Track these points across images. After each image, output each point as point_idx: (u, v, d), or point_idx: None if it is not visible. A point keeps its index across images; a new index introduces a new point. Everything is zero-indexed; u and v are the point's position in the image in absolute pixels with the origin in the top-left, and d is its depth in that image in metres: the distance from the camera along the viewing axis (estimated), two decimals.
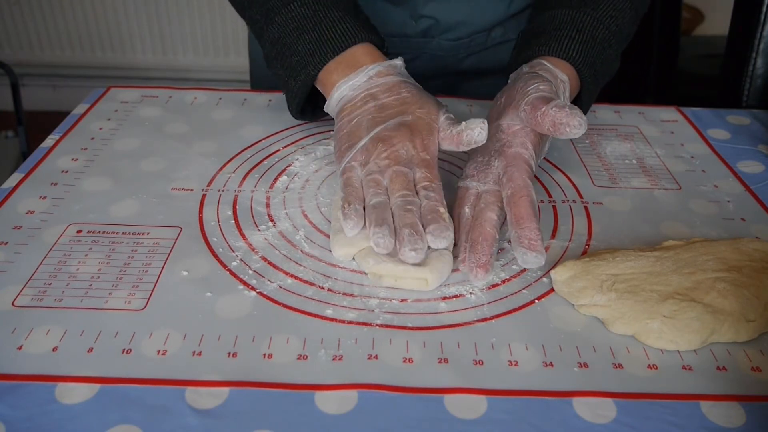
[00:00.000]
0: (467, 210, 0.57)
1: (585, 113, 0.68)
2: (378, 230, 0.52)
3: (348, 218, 0.54)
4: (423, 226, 0.53)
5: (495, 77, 0.62)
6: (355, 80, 0.62)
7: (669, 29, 1.49)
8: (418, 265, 0.52)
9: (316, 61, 0.63)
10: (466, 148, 0.58)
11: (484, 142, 0.57)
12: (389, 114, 0.60)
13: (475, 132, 0.56)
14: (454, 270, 0.54)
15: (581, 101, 0.68)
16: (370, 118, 0.60)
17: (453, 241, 0.55)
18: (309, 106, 0.70)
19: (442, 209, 0.55)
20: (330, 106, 0.64)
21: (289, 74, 0.66)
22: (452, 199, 0.61)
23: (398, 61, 0.65)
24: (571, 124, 0.54)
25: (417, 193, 0.56)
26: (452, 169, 0.69)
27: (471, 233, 0.55)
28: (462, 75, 0.90)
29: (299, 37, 0.64)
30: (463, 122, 0.58)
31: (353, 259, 0.55)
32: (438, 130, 0.59)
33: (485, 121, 0.57)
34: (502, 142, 0.59)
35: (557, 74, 0.63)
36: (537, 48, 0.65)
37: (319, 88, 0.66)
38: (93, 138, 0.72)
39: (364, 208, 0.56)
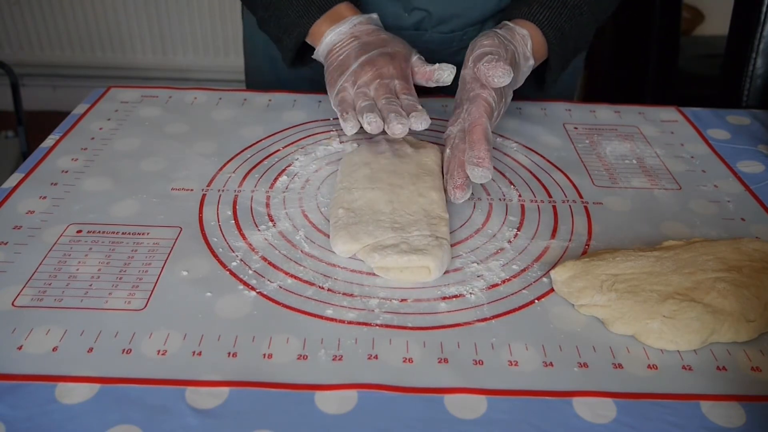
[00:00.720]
0: (447, 150, 0.65)
1: (556, 77, 0.76)
2: (369, 114, 0.63)
3: (347, 120, 0.65)
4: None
5: None
6: (341, 28, 0.71)
7: (669, 29, 1.49)
8: (420, 255, 0.53)
9: (306, 20, 0.73)
10: (434, 85, 0.69)
11: (450, 83, 0.68)
12: (372, 47, 0.69)
13: (445, 73, 0.68)
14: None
15: (549, 63, 0.74)
16: (356, 51, 0.69)
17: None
18: (298, 57, 0.79)
19: (419, 106, 0.65)
20: (319, 51, 0.73)
21: (282, 32, 0.75)
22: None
23: (374, 15, 0.74)
24: (496, 74, 0.62)
25: (398, 98, 0.66)
26: None
27: (449, 165, 0.63)
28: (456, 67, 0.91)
29: (290, 2, 0.73)
30: (437, 63, 0.69)
31: (355, 256, 0.55)
32: (411, 65, 0.70)
33: (454, 67, 0.68)
34: (467, 90, 0.65)
35: (516, 30, 0.69)
36: (510, 13, 0.74)
37: (307, 41, 0.75)
38: (93, 138, 0.72)
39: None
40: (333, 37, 0.72)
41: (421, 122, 0.63)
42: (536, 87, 0.78)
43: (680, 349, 0.48)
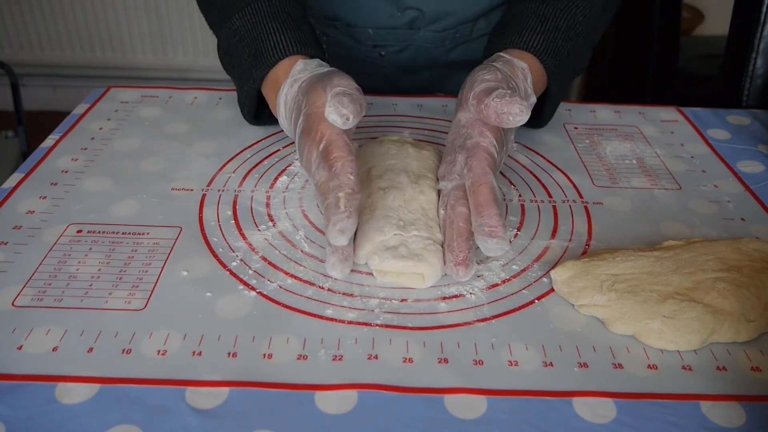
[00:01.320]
0: (442, 211, 0.57)
1: (556, 105, 0.70)
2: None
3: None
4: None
5: None
6: (284, 91, 0.62)
7: (669, 29, 1.49)
8: (416, 261, 0.52)
9: (255, 75, 0.65)
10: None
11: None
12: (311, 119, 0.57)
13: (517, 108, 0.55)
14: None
15: (549, 93, 0.68)
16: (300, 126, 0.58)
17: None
18: (265, 113, 0.71)
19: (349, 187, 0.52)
20: (285, 127, 0.63)
21: (237, 84, 0.68)
22: None
23: (313, 61, 0.63)
24: (512, 111, 0.54)
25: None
26: None
27: (447, 232, 0.55)
28: (449, 67, 0.91)
29: (241, 50, 0.66)
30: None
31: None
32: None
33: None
34: (463, 136, 0.58)
35: (515, 63, 0.63)
36: (500, 42, 0.66)
37: (270, 108, 0.66)
38: (93, 138, 0.72)
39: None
40: (281, 107, 0.62)
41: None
42: (532, 126, 0.72)
43: (680, 349, 0.48)
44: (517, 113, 0.54)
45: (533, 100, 0.63)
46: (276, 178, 0.66)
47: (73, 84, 2.37)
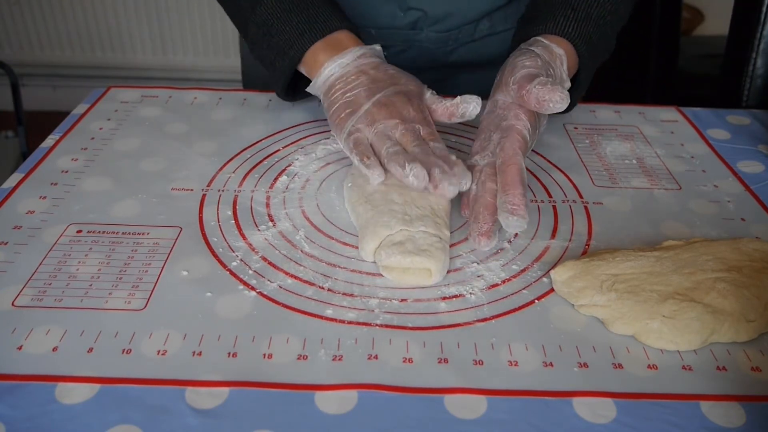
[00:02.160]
0: (473, 186, 0.59)
1: (583, 90, 0.72)
2: (413, 165, 0.56)
3: (372, 167, 0.58)
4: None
5: (484, 70, 0.64)
6: (343, 59, 0.66)
7: (669, 29, 1.49)
8: (423, 257, 0.53)
9: (304, 40, 0.67)
10: (458, 120, 0.63)
11: (474, 116, 0.62)
12: (383, 85, 0.64)
13: (470, 106, 0.62)
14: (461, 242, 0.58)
15: (579, 78, 0.70)
16: (366, 89, 0.63)
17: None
18: (290, 86, 0.74)
19: (453, 157, 0.59)
20: (316, 85, 0.67)
21: (276, 54, 0.69)
22: (456, 199, 0.61)
23: (378, 47, 0.69)
24: (553, 99, 0.57)
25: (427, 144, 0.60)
26: None
27: (474, 205, 0.58)
28: (451, 68, 0.91)
29: (287, 20, 0.68)
30: (459, 96, 0.62)
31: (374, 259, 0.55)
32: (427, 103, 0.64)
33: (479, 98, 0.62)
34: (499, 117, 0.62)
35: (553, 49, 0.65)
36: (533, 27, 0.68)
37: (301, 70, 0.70)
38: (93, 138, 0.72)
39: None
40: (334, 69, 0.65)
41: (466, 181, 0.57)
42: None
43: (680, 349, 0.48)
44: (558, 101, 0.57)
45: (568, 85, 0.66)
46: (276, 178, 0.66)
47: (73, 84, 2.37)
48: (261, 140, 0.73)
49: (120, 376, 0.44)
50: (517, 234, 0.59)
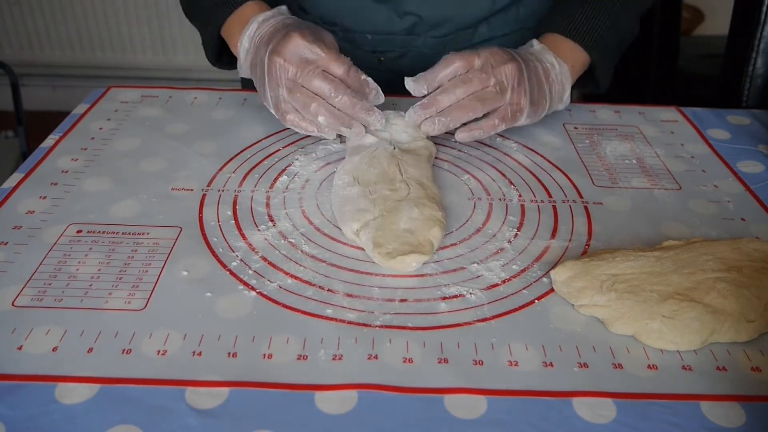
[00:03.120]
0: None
1: (607, 71, 0.78)
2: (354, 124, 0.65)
3: (354, 126, 0.66)
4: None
5: None
6: (249, 31, 0.70)
7: (669, 29, 1.49)
8: (413, 239, 0.55)
9: (216, 18, 0.73)
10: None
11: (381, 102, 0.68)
12: (279, 33, 0.67)
13: (373, 93, 0.68)
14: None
15: (593, 64, 0.75)
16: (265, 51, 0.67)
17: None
18: (227, 56, 0.79)
19: (369, 84, 0.67)
20: (240, 66, 0.73)
21: (200, 25, 0.76)
22: (455, 199, 0.61)
23: (282, 7, 0.73)
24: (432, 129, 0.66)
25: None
26: (452, 169, 0.69)
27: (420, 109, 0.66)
28: None
29: None
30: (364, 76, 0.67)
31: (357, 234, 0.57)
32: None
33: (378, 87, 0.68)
34: None
35: (546, 65, 0.70)
36: (543, 26, 0.76)
37: (231, 49, 0.75)
38: (93, 138, 0.72)
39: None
40: (245, 43, 0.70)
41: (378, 97, 0.66)
42: (591, 85, 0.79)
43: (680, 349, 0.48)
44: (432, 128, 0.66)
45: (566, 86, 0.72)
46: (276, 178, 0.66)
47: (73, 84, 2.37)
48: (261, 140, 0.73)
49: (120, 376, 0.44)
50: (517, 234, 0.59)
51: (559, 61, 0.71)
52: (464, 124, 0.66)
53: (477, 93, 0.65)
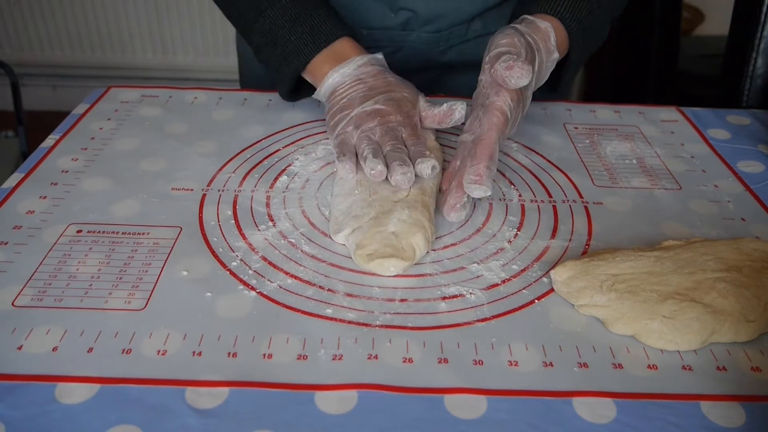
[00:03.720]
0: (458, 162, 0.62)
1: (573, 73, 0.74)
2: (372, 160, 0.60)
3: (343, 162, 0.62)
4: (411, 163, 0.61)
5: (477, 71, 0.64)
6: (345, 69, 0.69)
7: (669, 29, 1.49)
8: (398, 243, 0.55)
9: (308, 50, 0.71)
10: (448, 125, 0.67)
11: (462, 120, 0.66)
12: (377, 92, 0.67)
13: (457, 113, 0.66)
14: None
15: (570, 57, 0.71)
16: (361, 95, 0.67)
17: (438, 170, 0.62)
18: (295, 89, 0.76)
19: (427, 152, 0.63)
20: (321, 92, 0.71)
21: (281, 61, 0.73)
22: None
23: (379, 55, 0.72)
24: (513, 75, 0.59)
25: (405, 146, 0.64)
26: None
27: (452, 179, 0.62)
28: (444, 69, 0.91)
29: (291, 29, 0.71)
30: (445, 104, 0.66)
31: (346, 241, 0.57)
32: (419, 109, 0.68)
33: (465, 103, 0.66)
34: (483, 96, 0.63)
35: (538, 24, 0.67)
36: (525, 8, 0.70)
37: (306, 77, 0.73)
38: (93, 138, 0.72)
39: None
40: (336, 78, 0.69)
41: (427, 168, 0.60)
42: (549, 88, 0.76)
43: (680, 349, 0.48)
44: (518, 76, 0.59)
45: (556, 56, 0.68)
46: (276, 178, 0.66)
47: (73, 84, 2.37)
48: (261, 140, 0.73)
49: (120, 376, 0.44)
50: (517, 234, 0.59)
51: (557, 52, 0.68)
52: None
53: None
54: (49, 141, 0.71)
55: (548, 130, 0.76)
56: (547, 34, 0.67)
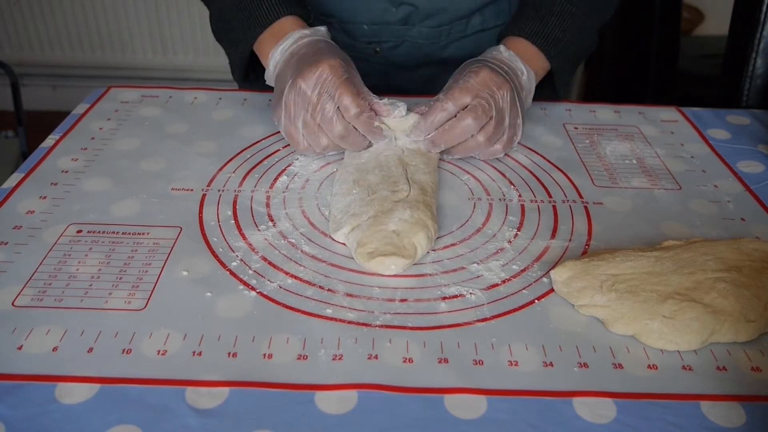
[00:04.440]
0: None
1: (564, 83, 0.78)
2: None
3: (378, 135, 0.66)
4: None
5: None
6: (284, 45, 0.69)
7: (669, 29, 1.49)
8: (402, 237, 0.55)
9: (249, 35, 0.72)
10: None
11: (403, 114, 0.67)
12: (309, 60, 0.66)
13: (396, 110, 0.66)
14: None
15: (552, 70, 0.74)
16: (293, 70, 0.66)
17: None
18: (253, 74, 0.78)
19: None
20: (268, 75, 0.71)
21: (229, 46, 0.75)
22: (455, 199, 0.61)
23: (322, 28, 0.71)
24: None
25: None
26: (452, 169, 0.69)
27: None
28: (444, 64, 0.91)
29: (235, 15, 0.72)
30: (385, 99, 0.67)
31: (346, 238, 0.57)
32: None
33: (405, 104, 0.67)
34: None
35: (503, 57, 0.70)
36: (505, 29, 0.75)
37: (262, 62, 0.73)
38: (93, 138, 0.72)
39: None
40: (277, 56, 0.69)
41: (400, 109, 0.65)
42: (550, 92, 0.78)
43: (680, 349, 0.48)
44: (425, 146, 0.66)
45: (530, 88, 0.71)
46: (276, 178, 0.66)
47: (73, 84, 2.37)
48: (261, 140, 0.73)
49: (120, 376, 0.44)
50: (517, 234, 0.59)
51: (527, 68, 0.71)
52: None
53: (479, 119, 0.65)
54: (49, 141, 0.71)
55: (548, 130, 0.76)
56: (512, 59, 0.70)
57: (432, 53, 0.89)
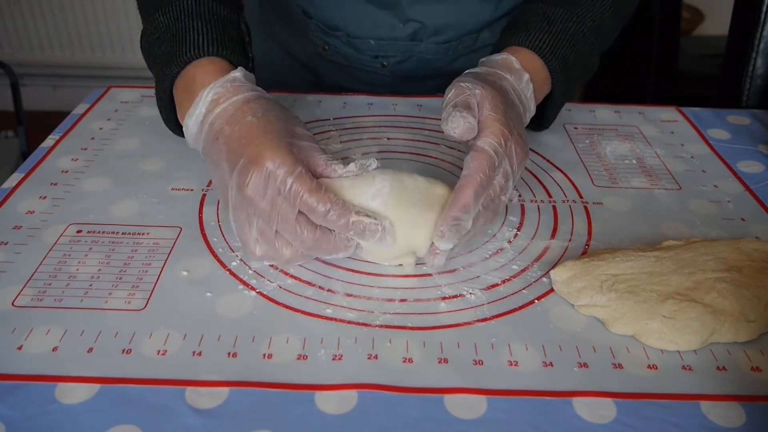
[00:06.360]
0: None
1: (558, 108, 0.70)
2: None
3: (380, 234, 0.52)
4: None
5: None
6: (197, 112, 0.56)
7: (669, 29, 1.49)
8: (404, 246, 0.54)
9: (167, 74, 0.59)
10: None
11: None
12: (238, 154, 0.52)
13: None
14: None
15: (552, 95, 0.68)
16: (228, 160, 0.52)
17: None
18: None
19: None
20: (191, 144, 0.58)
21: (155, 76, 0.61)
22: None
23: (237, 74, 0.57)
24: (452, 127, 0.54)
25: None
26: (452, 169, 0.69)
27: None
28: (452, 76, 0.89)
29: (159, 48, 0.60)
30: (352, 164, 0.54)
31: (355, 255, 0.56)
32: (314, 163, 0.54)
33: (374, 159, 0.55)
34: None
35: (512, 64, 0.62)
36: (508, 38, 0.66)
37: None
38: (93, 138, 0.72)
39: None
40: (192, 127, 0.56)
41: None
42: (534, 124, 0.69)
43: (680, 349, 0.48)
44: (449, 130, 0.54)
45: (527, 77, 0.62)
46: None
47: (73, 84, 2.37)
48: None
49: (120, 376, 0.44)
50: (516, 234, 0.59)
51: (532, 96, 0.63)
52: None
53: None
54: (49, 141, 0.71)
55: (548, 130, 0.76)
56: (508, 62, 0.62)
57: (440, 67, 0.88)
